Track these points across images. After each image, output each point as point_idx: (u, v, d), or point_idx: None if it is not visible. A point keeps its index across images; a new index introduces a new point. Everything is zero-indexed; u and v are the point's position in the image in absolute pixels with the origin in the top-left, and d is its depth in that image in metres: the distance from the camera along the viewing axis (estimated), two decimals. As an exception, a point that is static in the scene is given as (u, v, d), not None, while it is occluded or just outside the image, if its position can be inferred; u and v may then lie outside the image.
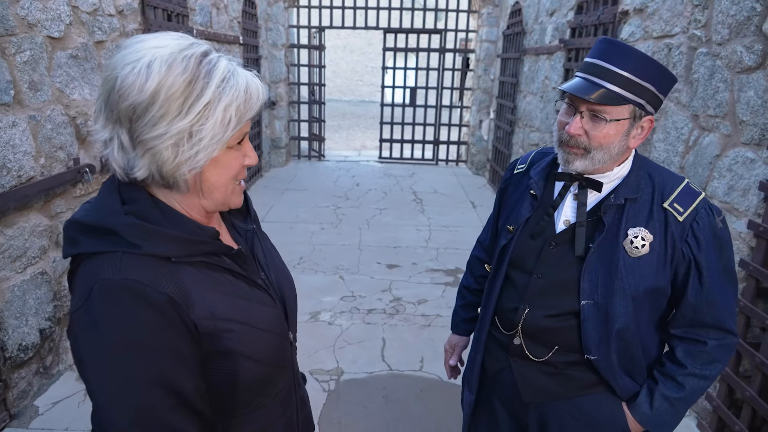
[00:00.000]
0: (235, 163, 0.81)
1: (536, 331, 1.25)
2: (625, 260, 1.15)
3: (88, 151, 2.96)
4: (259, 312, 0.85)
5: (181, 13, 4.24)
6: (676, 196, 1.15)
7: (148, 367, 0.72)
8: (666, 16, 3.00)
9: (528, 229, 1.28)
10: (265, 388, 0.87)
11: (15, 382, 2.44)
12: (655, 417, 1.19)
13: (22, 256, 2.45)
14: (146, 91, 0.71)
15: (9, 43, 2.32)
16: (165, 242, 0.76)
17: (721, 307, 1.17)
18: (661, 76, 1.12)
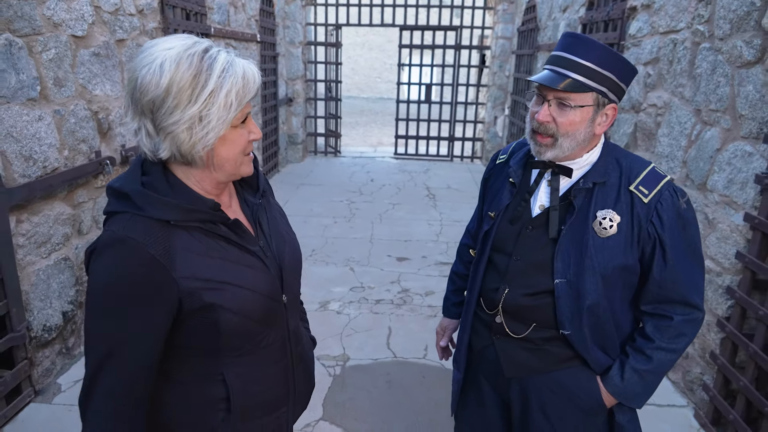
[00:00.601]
0: (241, 139, 0.96)
1: (515, 310, 1.33)
2: (594, 240, 1.22)
3: (109, 144, 3.11)
4: (246, 274, 0.98)
5: (199, 12, 4.37)
6: (641, 180, 1.23)
7: (123, 320, 0.89)
8: (672, 11, 3.02)
9: (508, 214, 1.36)
10: (249, 337, 1.01)
11: (39, 360, 2.60)
12: (626, 388, 1.27)
13: (46, 242, 2.60)
14: (161, 86, 0.86)
15: (36, 42, 2.47)
16: (164, 208, 0.91)
17: (684, 283, 1.23)
18: (621, 65, 1.19)
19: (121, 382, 0.91)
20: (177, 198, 0.92)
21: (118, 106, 3.20)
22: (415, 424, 2.46)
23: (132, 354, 0.91)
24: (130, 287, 0.89)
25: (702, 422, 2.48)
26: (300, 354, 1.16)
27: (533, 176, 1.35)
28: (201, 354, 0.99)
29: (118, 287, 0.89)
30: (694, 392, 2.62)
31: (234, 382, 1.02)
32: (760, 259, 2.19)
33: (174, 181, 0.95)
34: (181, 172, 0.96)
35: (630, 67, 1.22)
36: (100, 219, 3.07)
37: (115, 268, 0.88)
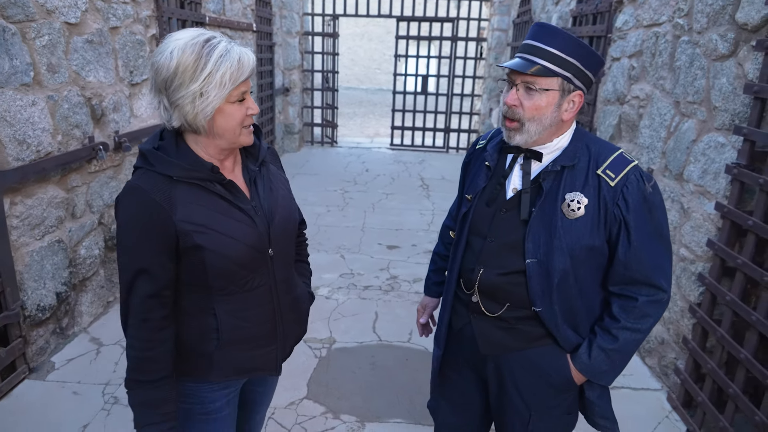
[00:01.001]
0: (238, 113, 1.16)
1: (490, 289, 1.39)
2: (563, 221, 1.28)
3: (102, 130, 3.17)
4: (232, 225, 1.19)
5: (194, 1, 4.42)
6: (608, 164, 1.28)
7: (137, 253, 1.14)
8: (655, 4, 3.07)
9: (484, 197, 1.42)
10: (232, 279, 1.21)
11: (34, 339, 2.68)
12: (593, 366, 1.33)
13: (40, 224, 2.68)
14: (170, 68, 1.09)
15: (29, 29, 2.53)
16: (168, 166, 1.14)
17: (649, 265, 1.28)
18: (584, 52, 1.25)
19: (146, 300, 1.15)
20: (180, 159, 1.15)
21: (112, 93, 3.26)
22: (395, 403, 2.54)
23: (148, 278, 1.14)
24: (140, 225, 1.13)
25: (674, 405, 2.57)
26: (290, 302, 1.35)
27: (508, 161, 1.41)
28: (197, 290, 1.21)
29: (132, 224, 1.14)
30: (668, 376, 2.71)
31: (223, 316, 1.23)
32: (729, 246, 2.26)
33: (182, 146, 1.17)
34: (191, 139, 1.18)
35: (595, 56, 1.27)
36: (94, 203, 3.14)
37: (129, 209, 1.14)
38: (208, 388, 1.31)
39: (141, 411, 1.19)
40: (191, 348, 1.25)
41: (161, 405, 1.19)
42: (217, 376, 1.28)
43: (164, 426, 1.19)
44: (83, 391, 2.54)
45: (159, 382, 1.18)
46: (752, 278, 2.11)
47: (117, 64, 3.31)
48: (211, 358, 1.26)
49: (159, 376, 1.18)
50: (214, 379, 1.28)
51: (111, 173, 3.31)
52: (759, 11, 2.15)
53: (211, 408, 1.32)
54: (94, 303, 3.20)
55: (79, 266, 3.02)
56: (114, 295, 3.44)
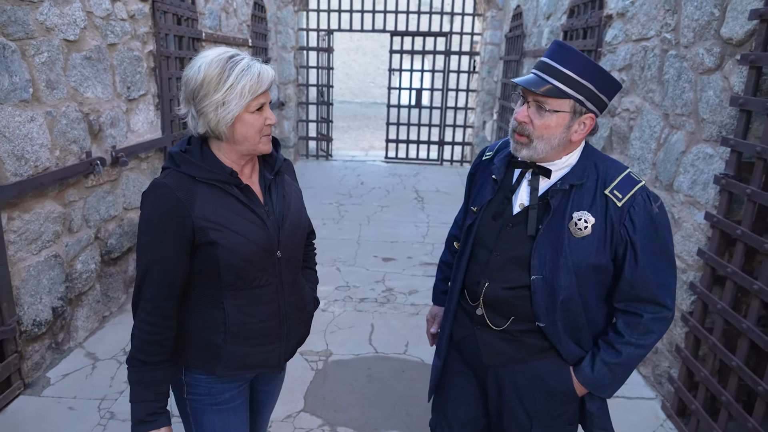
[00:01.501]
0: (256, 122, 1.27)
1: (495, 303, 1.40)
2: (569, 240, 1.29)
3: (99, 146, 3.20)
4: (244, 225, 1.28)
5: (191, 17, 4.47)
6: (616, 184, 1.29)
7: (155, 243, 1.25)
8: (643, 19, 3.15)
9: (490, 210, 1.43)
10: (241, 275, 1.30)
11: (29, 354, 2.68)
12: (596, 379, 1.35)
13: (37, 239, 2.69)
14: (198, 80, 1.22)
15: (29, 46, 2.56)
16: (192, 167, 1.26)
17: (654, 284, 1.30)
18: (600, 76, 1.25)
19: (159, 288, 1.25)
20: (204, 162, 1.27)
21: (109, 108, 3.29)
22: (392, 415, 2.55)
23: (164, 268, 1.24)
24: (161, 218, 1.24)
25: (668, 413, 2.59)
26: (295, 303, 1.43)
27: (516, 175, 1.41)
28: (208, 283, 1.31)
29: (155, 218, 1.24)
30: (662, 385, 2.73)
31: (231, 310, 1.32)
32: (719, 255, 2.30)
33: (206, 151, 1.30)
34: (215, 145, 1.31)
35: (611, 81, 1.27)
36: (90, 217, 3.15)
37: (153, 203, 1.25)
38: (216, 380, 1.39)
39: (138, 388, 1.29)
40: (200, 338, 1.34)
41: (157, 385, 1.29)
42: (223, 371, 1.36)
43: (156, 405, 1.29)
44: (79, 406, 2.54)
45: (160, 365, 1.29)
46: (742, 286, 2.14)
47: (114, 80, 3.35)
48: (218, 351, 1.34)
49: (160, 359, 1.29)
50: (220, 373, 1.36)
51: (108, 188, 3.33)
52: (743, 26, 2.21)
53: (221, 399, 1.40)
54: (90, 318, 3.20)
55: (75, 281, 3.03)
56: (110, 310, 3.44)
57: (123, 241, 3.54)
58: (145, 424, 1.28)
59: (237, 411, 1.44)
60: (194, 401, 1.40)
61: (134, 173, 3.67)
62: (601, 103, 1.28)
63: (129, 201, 3.61)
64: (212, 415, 1.41)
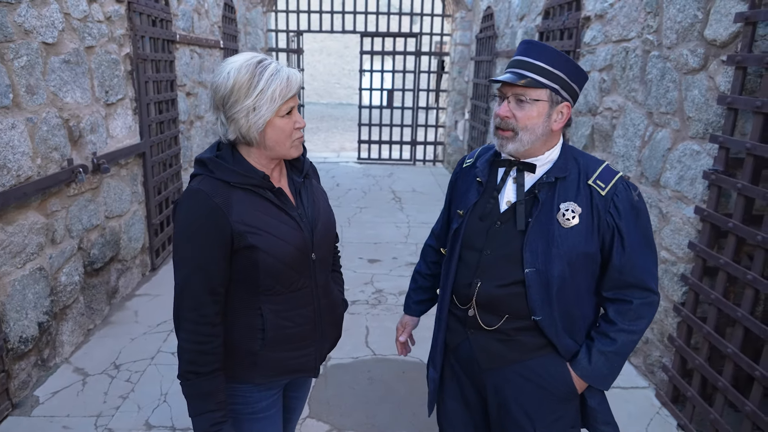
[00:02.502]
0: (287, 126, 1.27)
1: (488, 302, 1.41)
2: (559, 230, 1.33)
3: (80, 152, 3.08)
4: (281, 228, 1.29)
5: (165, 19, 4.35)
6: (598, 175, 1.36)
7: (195, 250, 1.23)
8: (623, 21, 3.25)
9: (476, 212, 1.45)
10: (280, 279, 1.30)
11: (16, 372, 2.55)
12: (594, 371, 1.37)
13: (21, 252, 2.56)
14: (228, 87, 1.21)
15: (7, 49, 2.44)
16: (227, 172, 1.25)
17: (641, 268, 1.35)
18: (571, 66, 1.33)
19: (202, 297, 1.23)
20: (237, 167, 1.26)
21: (89, 114, 3.17)
22: (398, 416, 2.55)
23: (205, 275, 1.23)
24: (200, 225, 1.22)
25: (663, 401, 2.68)
26: (327, 305, 1.44)
27: (500, 175, 1.44)
28: (246, 289, 1.30)
29: (193, 225, 1.23)
30: (655, 374, 2.83)
31: (269, 315, 1.32)
32: (710, 247, 2.40)
33: (238, 156, 1.29)
34: (245, 150, 1.30)
35: (580, 70, 1.36)
36: (73, 227, 3.03)
37: (190, 211, 1.24)
38: (254, 388, 1.38)
39: (197, 401, 1.27)
40: (237, 347, 1.33)
41: (216, 394, 1.28)
42: (260, 378, 1.36)
43: (218, 414, 1.28)
44: (74, 425, 2.43)
45: (213, 374, 1.27)
46: (734, 276, 2.24)
47: (93, 84, 3.23)
48: (255, 358, 1.34)
49: (213, 368, 1.27)
50: (257, 380, 1.36)
51: (89, 196, 3.21)
52: (727, 29, 2.31)
53: (258, 407, 1.40)
54: (75, 332, 3.07)
55: (59, 294, 2.90)
56: (94, 323, 3.31)
57: (105, 251, 3.41)
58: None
59: (273, 419, 1.44)
60: (232, 411, 1.38)
61: (115, 180, 3.55)
62: (573, 92, 1.36)
63: (110, 209, 3.49)
64: (250, 424, 1.41)
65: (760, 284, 2.06)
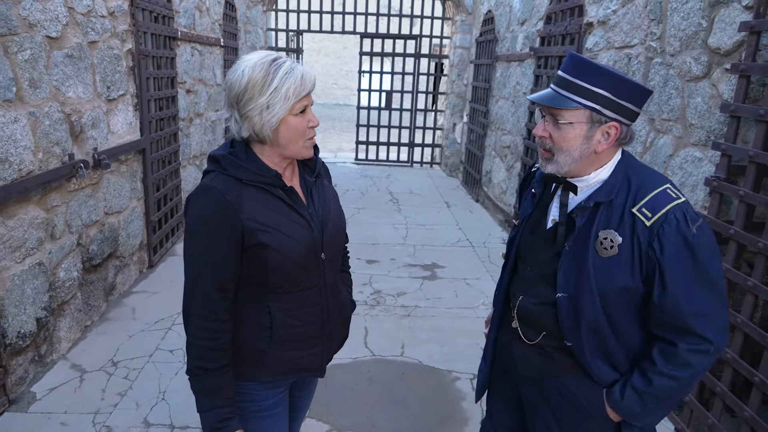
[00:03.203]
0: (300, 125, 1.27)
1: (527, 317, 1.39)
2: (594, 259, 1.24)
3: (81, 147, 3.06)
4: (292, 227, 1.29)
5: (166, 15, 4.34)
6: (646, 202, 1.21)
7: (206, 246, 1.24)
8: (626, 28, 3.27)
9: (529, 224, 1.44)
10: (289, 277, 1.30)
11: (13, 368, 2.53)
12: (624, 405, 1.28)
13: (21, 246, 2.54)
14: (242, 85, 1.21)
15: (12, 42, 2.42)
16: (240, 170, 1.26)
17: (689, 312, 1.20)
18: (614, 82, 1.21)
19: (212, 292, 1.24)
20: (250, 165, 1.27)
21: (90, 109, 3.15)
22: (398, 417, 2.55)
23: (215, 271, 1.23)
24: (211, 221, 1.23)
25: (660, 406, 2.70)
26: (336, 305, 1.44)
27: (553, 190, 1.39)
28: (255, 287, 1.30)
29: (205, 220, 1.23)
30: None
31: (277, 313, 1.32)
32: (710, 254, 2.42)
33: (251, 154, 1.29)
34: (258, 148, 1.30)
35: (632, 86, 1.22)
36: (73, 223, 3.01)
37: (202, 206, 1.24)
38: (260, 386, 1.39)
39: (205, 397, 1.28)
40: (245, 344, 1.33)
41: (224, 390, 1.28)
42: (267, 376, 1.36)
43: (226, 410, 1.28)
44: (71, 421, 2.42)
45: (222, 369, 1.28)
46: (734, 282, 2.26)
47: (95, 79, 3.21)
48: (262, 356, 1.34)
49: (222, 364, 1.28)
50: (264, 378, 1.37)
51: (89, 191, 3.19)
52: (731, 37, 2.34)
53: (264, 405, 1.41)
54: (72, 328, 3.05)
55: (58, 289, 2.88)
56: (92, 319, 3.29)
57: (104, 247, 3.39)
58: (219, 431, 1.27)
59: (279, 417, 1.44)
60: (238, 408, 1.37)
61: (114, 176, 3.53)
62: (623, 109, 1.22)
63: (110, 205, 3.47)
64: (256, 422, 1.41)
65: (760, 291, 2.08)
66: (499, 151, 6.11)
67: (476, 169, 7.05)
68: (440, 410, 2.62)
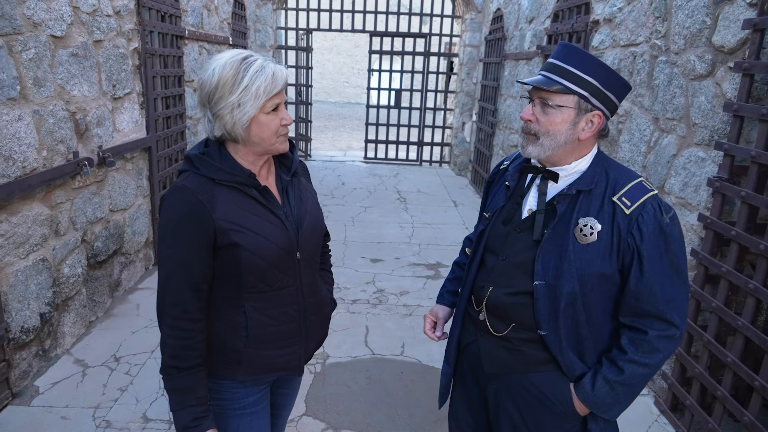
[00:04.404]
0: (272, 123, 1.26)
1: (497, 308, 1.39)
2: (574, 246, 1.27)
3: (86, 145, 3.10)
4: (265, 226, 1.29)
5: (174, 14, 4.37)
6: (625, 191, 1.26)
7: (178, 246, 1.24)
8: (631, 26, 3.23)
9: (502, 216, 1.44)
10: (263, 277, 1.30)
11: (17, 362, 2.57)
12: (596, 397, 1.30)
13: (25, 243, 2.58)
14: (213, 83, 1.22)
15: (16, 42, 2.46)
16: (212, 169, 1.26)
17: (661, 298, 1.24)
18: (604, 72, 1.25)
19: (184, 292, 1.24)
20: (223, 164, 1.27)
21: (95, 107, 3.19)
22: (394, 417, 2.55)
23: (188, 271, 1.24)
24: (183, 221, 1.23)
25: (662, 409, 2.67)
26: (313, 305, 1.43)
27: (528, 181, 1.41)
28: (229, 287, 1.30)
29: (177, 221, 1.24)
30: (654, 381, 2.81)
31: (252, 313, 1.32)
32: (712, 255, 2.38)
33: (225, 153, 1.29)
34: (232, 147, 1.30)
35: (617, 78, 1.27)
36: (77, 220, 3.05)
37: (174, 207, 1.24)
38: (239, 384, 1.39)
39: (177, 396, 1.28)
40: (221, 344, 1.34)
41: (196, 390, 1.28)
42: (244, 375, 1.36)
43: (199, 409, 1.28)
44: (72, 415, 2.45)
45: (194, 369, 1.28)
46: (736, 285, 2.22)
47: (100, 77, 3.25)
48: (239, 355, 1.34)
49: (195, 363, 1.28)
50: (241, 377, 1.36)
51: (94, 189, 3.23)
52: (735, 35, 2.29)
53: (244, 403, 1.40)
54: (77, 323, 3.09)
55: (62, 285, 2.92)
56: (96, 315, 3.33)
57: (109, 243, 3.43)
58: (191, 430, 1.27)
59: (259, 415, 1.44)
60: (218, 406, 1.39)
61: (120, 174, 3.57)
62: (608, 101, 1.27)
63: (115, 203, 3.51)
64: (235, 420, 1.40)
65: (762, 294, 2.04)
66: (507, 150, 6.07)
67: (485, 168, 7.01)
68: (437, 410, 2.61)
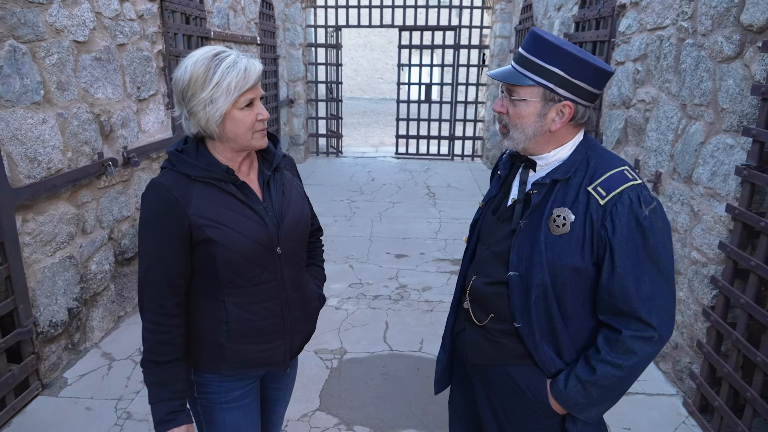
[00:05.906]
0: (247, 119, 1.26)
1: (478, 297, 1.38)
2: (546, 236, 1.23)
3: (111, 146, 3.20)
4: (241, 222, 1.28)
5: (198, 16, 4.46)
6: (602, 181, 1.20)
7: (154, 242, 1.25)
8: (658, 8, 3.08)
9: (492, 205, 1.42)
10: (240, 273, 1.30)
11: (46, 355, 2.69)
12: (567, 395, 1.25)
13: (51, 241, 2.69)
14: (185, 81, 1.22)
15: (39, 48, 2.56)
16: (188, 166, 1.27)
17: (636, 296, 1.17)
18: (569, 60, 1.17)
19: (160, 287, 1.26)
20: (199, 161, 1.28)
21: (120, 109, 3.29)
22: (408, 413, 2.53)
23: (164, 267, 1.25)
24: (158, 217, 1.25)
25: (690, 410, 2.54)
26: (297, 300, 1.42)
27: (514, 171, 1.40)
28: (208, 282, 1.31)
29: (153, 217, 1.25)
30: (683, 381, 2.68)
31: (232, 308, 1.33)
32: (741, 248, 2.24)
33: (202, 149, 1.30)
34: (210, 144, 1.31)
35: (582, 64, 1.18)
36: (104, 218, 3.16)
37: (150, 203, 1.26)
38: (224, 378, 1.39)
39: (155, 389, 1.29)
40: (204, 339, 1.35)
41: (173, 384, 1.29)
42: (228, 369, 1.37)
43: (176, 403, 1.29)
44: (96, 406, 2.55)
45: (172, 363, 1.29)
46: (766, 280, 2.09)
47: (125, 80, 3.35)
48: (221, 350, 1.35)
49: (172, 358, 1.29)
50: (225, 371, 1.37)
51: (120, 188, 3.34)
52: (764, 12, 2.14)
53: (231, 397, 1.41)
54: (105, 318, 3.21)
55: (90, 282, 3.04)
56: (125, 310, 3.45)
57: (136, 241, 3.54)
58: (166, 423, 1.28)
59: (247, 409, 1.44)
60: (204, 400, 1.40)
61: (146, 173, 3.68)
62: (579, 89, 1.20)
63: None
64: (222, 414, 1.41)
65: (792, 289, 1.91)
66: (536, 143, 5.92)
67: (515, 162, 6.86)
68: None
